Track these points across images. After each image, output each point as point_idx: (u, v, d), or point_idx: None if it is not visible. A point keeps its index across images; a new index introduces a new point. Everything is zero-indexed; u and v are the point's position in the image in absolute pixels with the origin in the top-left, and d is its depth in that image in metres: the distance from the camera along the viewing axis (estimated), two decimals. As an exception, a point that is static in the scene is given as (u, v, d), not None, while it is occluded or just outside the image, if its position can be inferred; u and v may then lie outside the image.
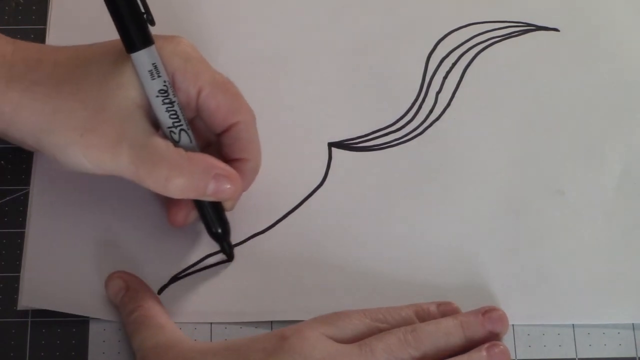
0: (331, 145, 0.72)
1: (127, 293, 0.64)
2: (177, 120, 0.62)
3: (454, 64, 0.75)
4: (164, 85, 0.62)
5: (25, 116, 0.62)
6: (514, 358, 0.66)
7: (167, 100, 0.62)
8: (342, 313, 0.63)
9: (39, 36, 0.73)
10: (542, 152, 0.72)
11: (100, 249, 0.67)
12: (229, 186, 0.63)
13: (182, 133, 0.63)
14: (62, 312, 0.65)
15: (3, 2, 0.74)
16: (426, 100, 0.73)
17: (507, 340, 0.65)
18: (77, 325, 0.65)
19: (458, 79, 0.74)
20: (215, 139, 0.66)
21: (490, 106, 0.73)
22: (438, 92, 0.74)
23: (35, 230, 0.67)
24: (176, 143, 0.63)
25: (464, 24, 0.76)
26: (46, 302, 0.65)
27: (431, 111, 0.73)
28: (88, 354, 0.65)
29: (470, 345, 0.63)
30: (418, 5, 0.77)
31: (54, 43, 0.72)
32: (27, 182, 0.69)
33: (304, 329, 0.61)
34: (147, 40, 0.61)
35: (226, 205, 0.66)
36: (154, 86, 0.61)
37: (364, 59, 0.74)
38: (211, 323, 0.66)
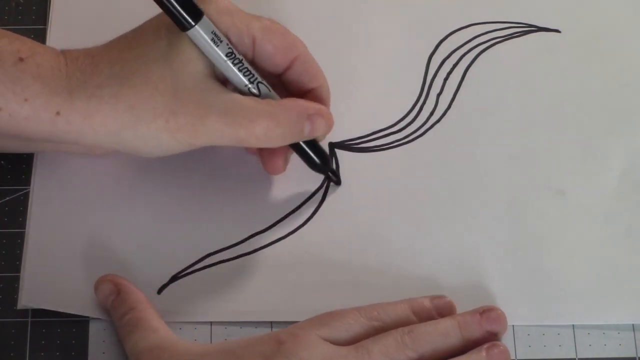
0: (332, 145, 0.72)
1: (118, 296, 0.64)
2: (251, 75, 0.63)
3: (454, 65, 0.75)
4: (229, 48, 0.62)
5: (99, 120, 0.62)
6: (514, 358, 0.65)
7: (236, 61, 0.63)
8: (336, 313, 0.63)
9: (39, 36, 0.73)
10: (542, 152, 0.72)
11: (100, 249, 0.67)
12: (322, 122, 0.65)
13: (260, 85, 0.64)
14: (62, 312, 0.65)
15: (3, 2, 0.74)
16: (427, 101, 0.73)
17: (507, 340, 0.65)
18: (77, 325, 0.65)
19: (459, 80, 0.74)
20: (277, 80, 0.66)
21: (490, 107, 0.73)
22: (439, 94, 0.74)
23: (35, 230, 0.68)
24: (258, 96, 0.64)
25: (465, 25, 0.76)
26: (46, 301, 0.65)
27: (432, 113, 0.73)
28: (88, 354, 0.65)
29: (468, 346, 0.63)
30: (419, 5, 0.77)
31: (54, 43, 0.72)
32: (27, 182, 0.69)
33: (300, 332, 0.61)
34: (198, 13, 0.62)
35: (319, 137, 0.67)
36: (220, 52, 0.62)
37: (365, 59, 0.75)
38: (211, 323, 0.66)
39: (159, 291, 0.66)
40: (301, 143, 0.66)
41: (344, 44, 0.75)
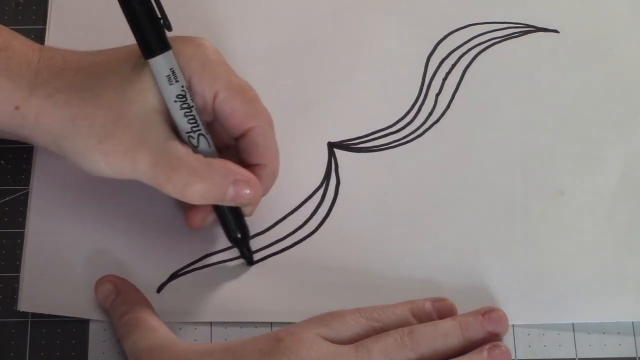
0: (331, 145, 0.72)
1: (118, 296, 0.64)
2: (195, 125, 0.62)
3: (453, 65, 0.75)
4: (182, 90, 0.62)
5: (48, 123, 0.62)
6: (514, 358, 0.65)
7: (185, 105, 0.62)
8: (336, 313, 0.63)
9: (39, 36, 0.73)
10: (542, 152, 0.72)
11: (99, 249, 0.67)
12: (248, 191, 0.63)
13: (201, 138, 0.63)
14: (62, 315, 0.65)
15: (3, 2, 0.74)
16: (426, 101, 0.73)
17: (507, 341, 0.65)
18: (77, 325, 0.65)
19: (458, 80, 0.74)
20: (233, 142, 0.66)
21: (489, 107, 0.73)
22: (438, 94, 0.74)
23: (35, 230, 0.67)
24: (195, 148, 0.63)
25: (464, 25, 0.76)
26: (45, 306, 0.65)
27: (431, 113, 0.73)
28: (88, 354, 0.65)
29: (469, 347, 0.63)
30: (418, 6, 0.77)
31: (53, 43, 0.72)
32: (27, 182, 0.69)
33: (299, 331, 0.61)
34: (164, 46, 0.61)
35: (245, 210, 0.65)
36: (172, 91, 0.61)
37: (364, 59, 0.75)
38: (211, 323, 0.66)
39: (159, 289, 0.66)
40: (224, 209, 0.65)
41: (343, 44, 0.75)
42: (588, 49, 0.76)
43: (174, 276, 0.67)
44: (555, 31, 0.76)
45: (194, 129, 0.62)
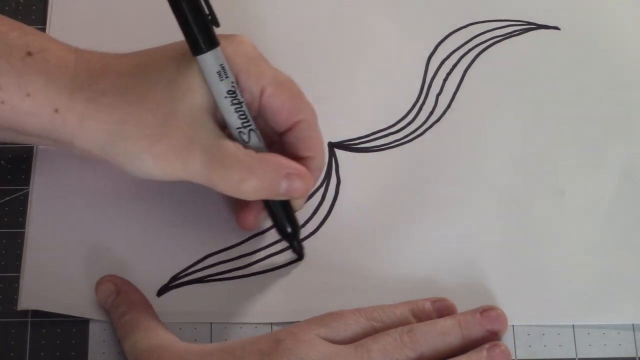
0: (332, 145, 0.72)
1: (118, 297, 0.64)
2: (246, 120, 0.62)
3: (454, 66, 0.75)
4: (232, 86, 0.61)
5: (92, 126, 0.61)
6: (514, 358, 0.65)
7: (235, 101, 0.62)
8: (336, 313, 0.63)
9: (39, 36, 0.73)
10: (542, 152, 0.72)
11: (100, 249, 0.67)
12: (300, 184, 0.63)
13: (252, 133, 0.63)
14: (62, 313, 0.65)
15: (3, 2, 0.74)
16: (426, 102, 0.73)
17: (507, 340, 0.65)
18: (77, 325, 0.65)
19: (458, 80, 0.74)
20: (278, 137, 0.66)
21: (490, 107, 0.73)
22: (438, 94, 0.74)
23: (35, 230, 0.68)
24: (245, 144, 0.62)
25: (464, 24, 0.76)
26: (46, 303, 0.65)
27: (431, 113, 0.73)
28: (88, 354, 0.65)
29: (468, 345, 0.63)
30: (418, 6, 0.77)
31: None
32: (27, 182, 0.69)
33: (299, 331, 0.61)
34: (213, 42, 0.61)
35: (295, 204, 0.66)
36: (222, 87, 0.61)
37: (364, 59, 0.75)
38: (211, 323, 0.66)
39: (159, 292, 0.66)
40: (275, 204, 0.65)
41: (343, 44, 0.75)
42: (589, 47, 0.76)
43: (175, 278, 0.67)
44: (556, 28, 0.76)
45: (245, 124, 0.62)
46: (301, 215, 0.69)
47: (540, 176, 0.71)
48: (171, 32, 0.62)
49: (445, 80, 0.74)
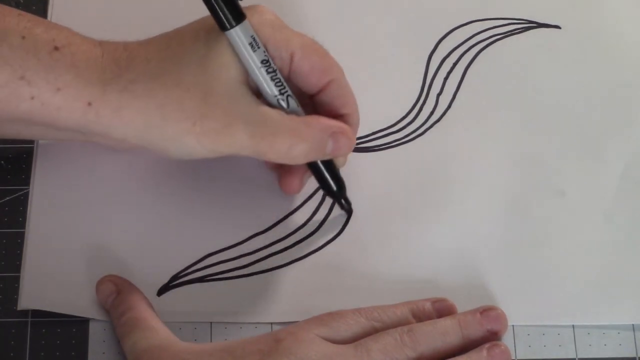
0: (332, 145, 0.72)
1: (118, 296, 0.64)
2: (282, 87, 0.63)
3: (455, 64, 0.75)
4: (265, 56, 0.62)
5: (129, 115, 0.61)
6: (514, 358, 0.65)
7: (270, 70, 0.62)
8: (336, 313, 0.63)
9: (39, 36, 0.73)
10: (543, 152, 0.72)
11: (100, 249, 0.67)
12: (346, 141, 0.64)
13: (289, 99, 0.63)
14: (62, 313, 0.65)
15: (3, 1, 0.74)
16: (427, 101, 0.73)
17: (507, 340, 0.65)
18: (77, 325, 0.65)
19: (459, 79, 0.74)
20: (309, 100, 0.66)
21: (491, 106, 0.73)
22: (439, 94, 0.74)
23: (35, 230, 0.68)
24: (285, 110, 0.63)
25: (465, 22, 0.76)
26: (46, 303, 0.65)
27: (432, 112, 0.73)
28: (88, 354, 0.65)
29: (468, 345, 0.63)
30: (419, 4, 0.77)
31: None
32: (27, 182, 0.69)
33: (299, 331, 0.61)
34: (240, 15, 0.61)
35: (339, 162, 0.67)
36: (256, 58, 0.62)
37: (364, 58, 0.74)
38: (211, 323, 0.66)
39: (159, 292, 0.66)
40: (320, 165, 0.66)
41: (343, 43, 0.75)
42: (590, 45, 0.76)
43: (175, 278, 0.67)
44: (557, 27, 0.76)
45: (282, 91, 0.63)
46: (302, 215, 0.69)
47: (540, 176, 0.71)
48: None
49: (445, 79, 0.74)
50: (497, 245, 0.69)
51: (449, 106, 0.73)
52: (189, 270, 0.67)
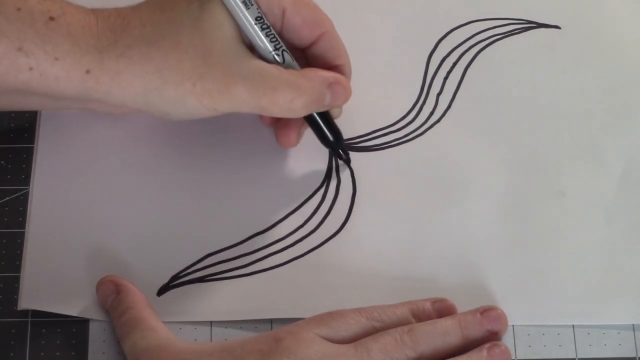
0: (332, 144, 0.72)
1: (118, 296, 0.64)
2: (277, 42, 0.64)
3: (454, 64, 0.75)
4: (259, 13, 0.63)
5: (128, 80, 0.62)
6: (514, 358, 0.65)
7: (264, 26, 0.64)
8: (336, 313, 0.63)
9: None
10: (542, 152, 0.72)
11: (100, 249, 0.67)
12: (342, 91, 0.66)
13: (285, 54, 0.65)
14: (62, 313, 0.65)
15: (3, 1, 0.74)
16: (427, 101, 0.73)
17: (507, 340, 0.65)
18: (77, 325, 0.65)
19: (459, 79, 0.74)
20: (301, 54, 0.67)
21: (490, 106, 0.73)
22: (439, 94, 0.74)
23: (35, 230, 0.68)
24: (282, 65, 0.64)
25: (464, 22, 0.76)
26: (46, 303, 0.65)
27: (432, 112, 0.73)
28: (88, 354, 0.65)
29: (468, 345, 0.63)
30: (419, 3, 0.77)
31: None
32: (27, 182, 0.69)
33: (299, 330, 0.61)
34: None
35: (334, 113, 0.69)
36: (250, 16, 0.63)
37: (364, 58, 0.74)
38: (211, 323, 0.66)
39: (159, 291, 0.66)
40: (317, 118, 0.67)
41: (343, 42, 0.75)
42: (589, 46, 0.76)
43: (175, 278, 0.67)
44: (557, 27, 0.76)
45: (277, 46, 0.64)
46: (302, 215, 0.69)
47: (540, 176, 0.71)
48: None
49: (445, 78, 0.74)
50: (497, 245, 0.68)
51: (449, 106, 0.73)
52: (189, 270, 0.67)
